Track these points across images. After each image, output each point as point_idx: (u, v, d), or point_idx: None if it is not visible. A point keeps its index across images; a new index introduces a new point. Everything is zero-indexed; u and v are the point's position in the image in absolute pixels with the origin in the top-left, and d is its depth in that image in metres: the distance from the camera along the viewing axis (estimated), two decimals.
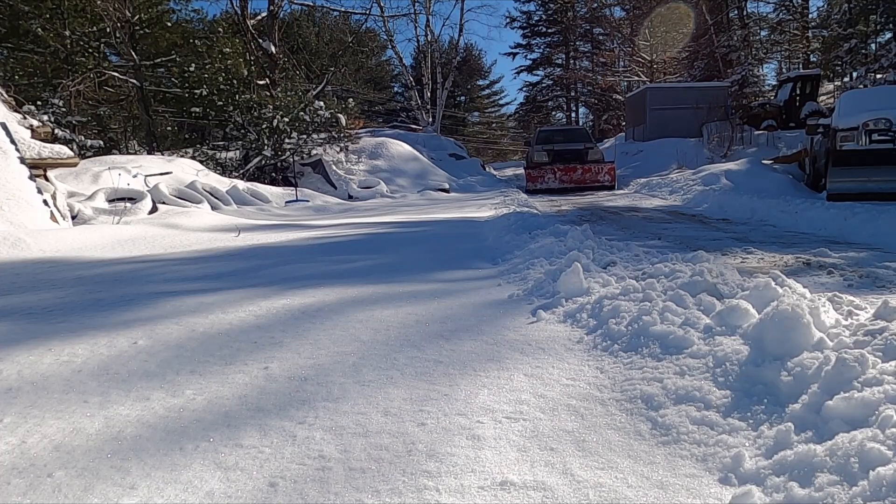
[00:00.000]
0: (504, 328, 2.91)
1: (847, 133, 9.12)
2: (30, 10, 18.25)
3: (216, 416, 1.94)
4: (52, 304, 3.47)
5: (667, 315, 2.60)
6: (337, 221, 9.22)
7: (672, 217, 9.34)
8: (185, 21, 23.75)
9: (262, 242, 6.33)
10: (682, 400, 1.94)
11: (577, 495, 1.48)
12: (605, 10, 37.54)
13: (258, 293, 3.66)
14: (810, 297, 2.64)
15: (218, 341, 2.71)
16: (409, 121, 34.61)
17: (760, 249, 5.45)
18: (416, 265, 4.71)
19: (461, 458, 1.65)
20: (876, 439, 1.44)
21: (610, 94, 36.71)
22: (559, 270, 3.59)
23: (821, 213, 7.65)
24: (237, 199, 12.21)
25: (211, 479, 1.57)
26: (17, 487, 1.55)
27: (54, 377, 2.28)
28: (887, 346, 1.92)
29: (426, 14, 31.40)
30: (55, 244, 5.61)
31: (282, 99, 18.23)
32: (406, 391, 2.13)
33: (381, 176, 17.96)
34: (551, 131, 19.48)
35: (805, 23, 28.44)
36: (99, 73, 19.38)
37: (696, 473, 1.57)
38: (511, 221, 7.02)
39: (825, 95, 24.43)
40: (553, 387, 2.15)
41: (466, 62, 45.23)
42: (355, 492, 1.50)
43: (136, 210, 8.64)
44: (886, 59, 20.46)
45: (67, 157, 8.38)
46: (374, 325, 2.95)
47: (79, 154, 12.70)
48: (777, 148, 17.06)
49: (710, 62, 30.77)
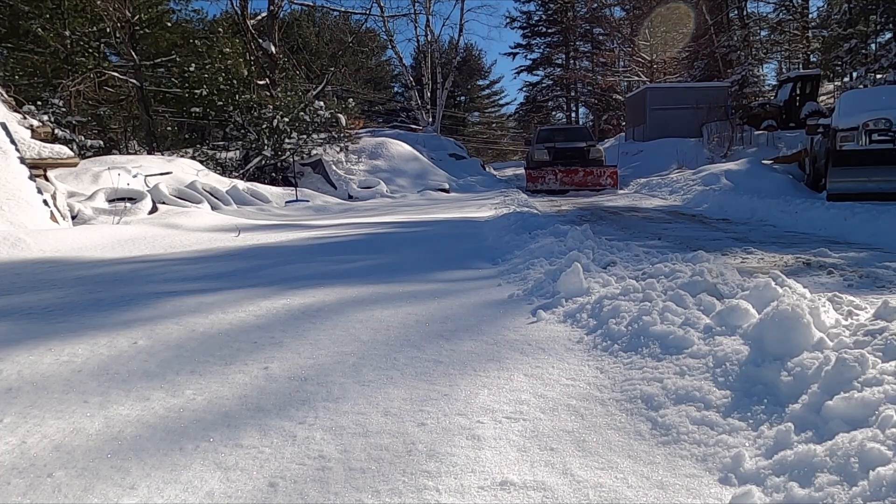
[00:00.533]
0: (504, 328, 2.91)
1: (847, 133, 9.12)
2: (30, 10, 18.24)
3: (216, 416, 1.94)
4: (52, 304, 3.47)
5: (667, 315, 2.60)
6: (337, 221, 9.22)
7: (672, 217, 9.34)
8: (185, 21, 23.77)
9: (262, 242, 6.33)
10: (682, 400, 1.94)
11: (577, 495, 1.48)
12: (605, 10, 37.57)
13: (258, 293, 3.66)
14: (810, 297, 2.64)
15: (218, 341, 2.71)
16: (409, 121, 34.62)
17: (760, 249, 5.45)
18: (416, 265, 4.71)
19: (461, 458, 1.65)
20: (876, 439, 1.44)
21: (610, 94, 36.72)
22: (559, 270, 3.59)
23: (821, 213, 7.65)
24: (237, 199, 12.21)
25: (211, 479, 1.57)
26: (17, 487, 1.55)
27: (54, 377, 2.28)
28: (887, 346, 1.92)
29: (426, 14, 31.43)
30: (55, 244, 5.61)
31: (282, 99, 18.24)
32: (406, 391, 2.13)
33: (381, 176, 17.95)
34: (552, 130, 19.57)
35: (805, 23, 28.45)
36: (99, 73, 19.38)
37: (696, 473, 1.57)
38: (511, 221, 7.02)
39: (825, 95, 24.43)
40: (553, 387, 2.15)
41: (466, 62, 45.24)
42: (355, 492, 1.50)
43: (136, 210, 8.64)
44: (886, 59, 20.47)
45: (67, 157, 8.38)
46: (374, 325, 2.95)
47: (79, 154, 12.70)
48: (777, 148, 17.07)
49: (710, 62, 30.79)
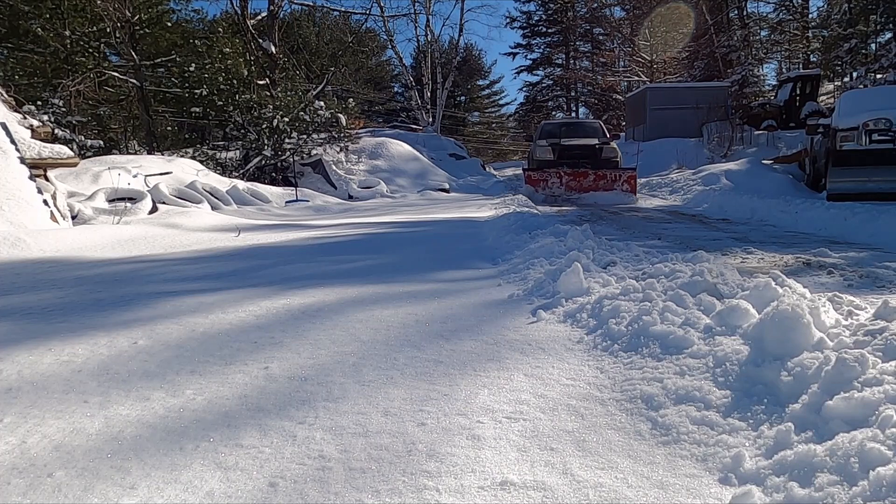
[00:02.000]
0: (504, 328, 2.90)
1: (847, 133, 9.12)
2: (30, 10, 18.24)
3: (216, 416, 1.94)
4: (52, 304, 3.46)
5: (667, 315, 2.60)
6: (337, 221, 9.22)
7: (672, 217, 9.34)
8: (185, 21, 23.78)
9: (262, 242, 6.33)
10: (682, 400, 1.94)
11: (577, 495, 1.48)
12: (605, 10, 37.61)
13: (258, 293, 3.66)
14: (810, 297, 2.64)
15: (218, 341, 2.71)
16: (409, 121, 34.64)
17: (760, 249, 5.45)
18: (416, 265, 4.71)
19: (461, 458, 1.65)
20: (876, 439, 1.44)
21: (610, 94, 36.74)
22: (559, 270, 3.59)
23: (821, 213, 7.65)
24: (237, 199, 12.21)
25: (211, 479, 1.57)
26: (17, 487, 1.55)
27: (54, 377, 2.28)
28: (887, 346, 1.92)
29: (426, 14, 31.47)
30: (55, 244, 5.61)
31: (282, 99, 18.25)
32: (406, 391, 2.13)
33: (381, 176, 17.96)
34: (557, 124, 15.94)
35: (805, 23, 28.47)
36: (99, 73, 19.39)
37: (696, 473, 1.57)
38: (511, 221, 7.01)
39: (825, 95, 24.44)
40: (553, 387, 2.15)
41: (466, 62, 45.27)
42: (355, 492, 1.50)
43: (136, 210, 8.64)
44: (886, 59, 20.47)
45: (67, 157, 8.38)
46: (374, 325, 2.95)
47: (79, 154, 12.69)
48: (777, 148, 17.08)
49: (710, 62, 30.80)
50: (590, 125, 15.71)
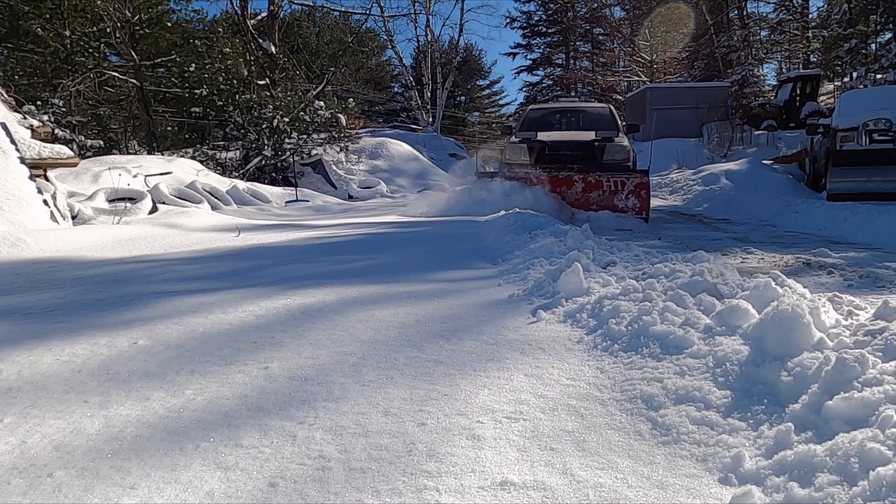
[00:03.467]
0: (504, 328, 2.90)
1: (847, 133, 9.12)
2: (30, 10, 18.26)
3: (216, 416, 1.94)
4: (52, 303, 3.46)
5: (667, 315, 2.60)
6: (337, 221, 9.21)
7: (672, 217, 9.34)
8: (185, 21, 23.79)
9: (262, 242, 6.33)
10: (682, 400, 1.94)
11: (577, 495, 1.48)
12: (605, 10, 37.61)
13: (258, 293, 3.65)
14: (810, 297, 2.64)
15: (218, 341, 2.71)
16: (409, 121, 34.65)
17: (760, 249, 5.45)
18: (416, 265, 4.71)
19: (461, 458, 1.65)
20: (876, 439, 1.44)
21: (610, 94, 36.71)
22: (559, 270, 3.59)
23: (821, 213, 7.66)
24: (237, 199, 12.21)
25: (211, 479, 1.57)
26: (17, 487, 1.55)
27: (54, 377, 2.28)
28: (887, 346, 1.92)
29: (426, 14, 31.49)
30: (55, 244, 5.61)
31: (282, 99, 18.26)
32: (406, 391, 2.13)
33: (381, 176, 17.97)
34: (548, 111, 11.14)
35: (805, 23, 28.47)
36: (99, 73, 19.41)
37: (696, 473, 1.57)
38: (511, 221, 7.00)
39: (825, 95, 24.44)
40: (553, 387, 2.15)
41: (466, 62, 45.26)
42: (355, 492, 1.50)
43: (136, 210, 8.64)
44: (886, 59, 20.48)
45: (67, 157, 8.38)
46: (374, 325, 2.95)
47: (79, 154, 12.71)
48: (777, 148, 17.08)
49: (710, 62, 30.81)
50: (594, 112, 10.74)
